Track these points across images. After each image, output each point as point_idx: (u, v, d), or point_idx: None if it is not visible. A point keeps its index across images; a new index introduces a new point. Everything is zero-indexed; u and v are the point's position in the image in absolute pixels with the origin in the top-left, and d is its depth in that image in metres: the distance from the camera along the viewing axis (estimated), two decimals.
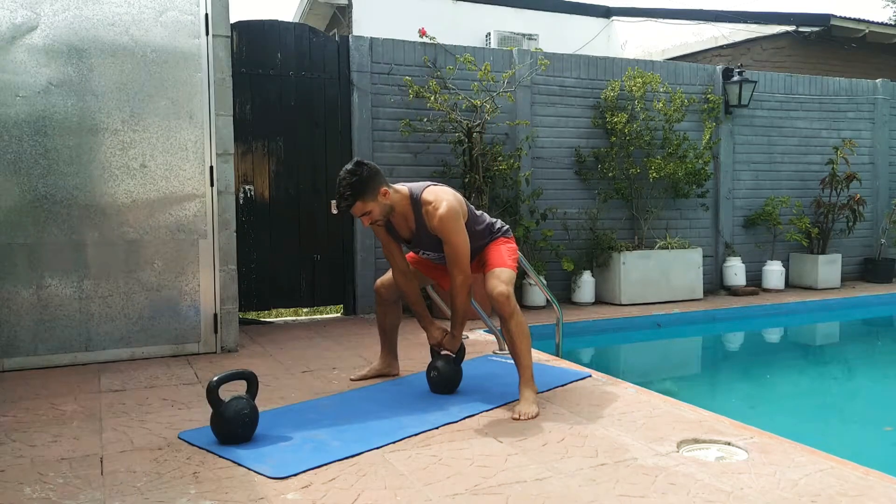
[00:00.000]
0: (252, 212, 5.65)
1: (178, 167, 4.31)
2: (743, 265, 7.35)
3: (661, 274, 6.67)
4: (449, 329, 3.46)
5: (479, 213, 3.45)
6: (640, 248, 6.76)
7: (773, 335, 6.63)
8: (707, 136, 7.12)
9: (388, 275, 3.61)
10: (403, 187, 3.26)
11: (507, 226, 3.54)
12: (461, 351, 3.50)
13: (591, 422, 3.00)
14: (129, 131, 4.20)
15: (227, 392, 2.84)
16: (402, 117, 5.97)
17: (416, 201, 3.22)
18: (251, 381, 2.90)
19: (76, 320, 4.13)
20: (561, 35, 11.70)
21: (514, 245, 3.47)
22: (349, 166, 3.10)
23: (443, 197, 3.18)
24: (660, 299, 6.66)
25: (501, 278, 3.22)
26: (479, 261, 3.41)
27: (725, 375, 5.43)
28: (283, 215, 5.76)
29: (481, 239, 3.39)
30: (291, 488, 2.34)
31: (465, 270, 3.22)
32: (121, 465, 2.54)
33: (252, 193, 5.66)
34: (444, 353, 3.51)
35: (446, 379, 3.46)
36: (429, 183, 3.31)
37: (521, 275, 6.22)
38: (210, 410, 2.77)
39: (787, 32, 10.34)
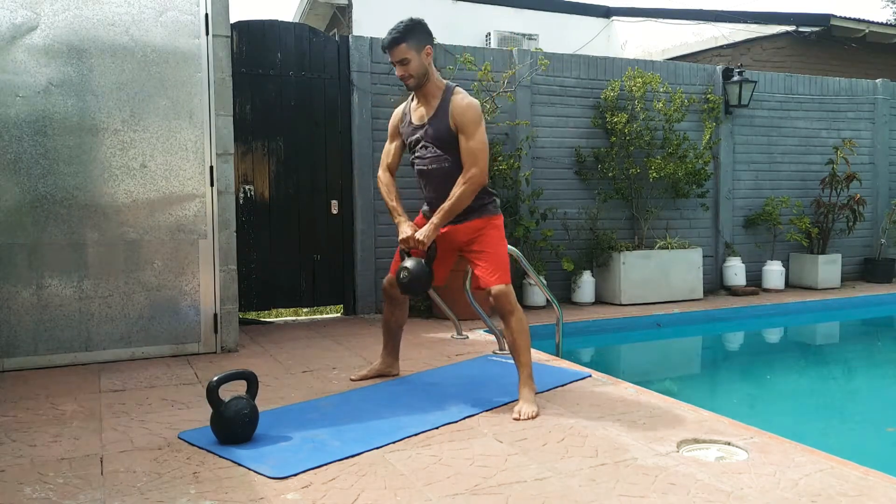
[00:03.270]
0: (252, 212, 5.65)
1: (178, 167, 4.31)
2: (743, 265, 7.35)
3: (661, 274, 6.67)
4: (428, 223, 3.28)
5: None
6: (640, 248, 6.76)
7: (773, 335, 6.63)
8: (707, 136, 7.12)
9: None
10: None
11: (496, 196, 3.43)
12: (432, 249, 3.29)
13: (591, 422, 3.00)
14: (129, 131, 4.20)
15: (227, 392, 2.84)
16: None
17: (448, 88, 3.28)
18: (251, 381, 2.90)
19: (76, 320, 4.13)
20: (561, 35, 11.70)
21: (502, 227, 3.38)
22: (412, 16, 3.25)
23: (474, 98, 3.26)
24: (660, 299, 6.66)
25: (499, 275, 3.21)
26: (470, 245, 3.32)
27: (725, 375, 5.43)
28: (283, 215, 5.76)
29: (477, 197, 3.29)
30: (291, 488, 2.34)
31: (483, 168, 3.18)
32: (121, 465, 2.54)
33: (252, 193, 5.66)
34: (413, 252, 3.32)
35: (416, 279, 3.24)
36: None
37: (521, 275, 6.23)
38: (210, 410, 2.77)
39: (787, 32, 10.34)
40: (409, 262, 3.27)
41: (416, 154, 3.38)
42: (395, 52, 3.17)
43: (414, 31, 3.17)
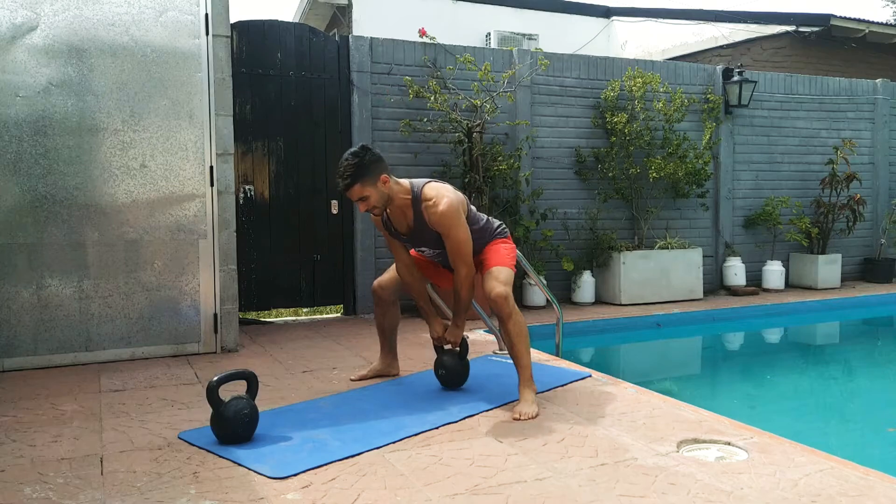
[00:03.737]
0: (252, 212, 5.65)
1: (178, 167, 4.31)
2: (743, 265, 7.35)
3: (661, 274, 6.67)
4: (451, 323, 3.47)
5: (476, 213, 3.45)
6: (640, 248, 6.76)
7: (773, 335, 6.63)
8: (707, 136, 7.12)
9: (386, 275, 3.61)
10: (405, 181, 3.28)
11: (504, 225, 3.54)
12: (465, 344, 3.51)
13: (591, 422, 3.00)
14: (129, 131, 4.20)
15: (227, 392, 2.84)
16: (402, 117, 5.97)
17: (416, 196, 3.22)
18: (251, 381, 2.90)
19: (76, 320, 4.13)
20: (561, 35, 11.70)
21: (512, 245, 3.47)
22: (354, 149, 3.14)
23: (443, 193, 3.19)
24: (660, 299, 6.66)
25: (499, 279, 3.22)
26: (477, 261, 3.40)
27: (725, 375, 5.43)
28: (283, 215, 5.76)
29: (479, 239, 3.39)
30: (291, 488, 2.34)
31: (468, 263, 3.24)
32: (121, 465, 2.54)
33: (252, 193, 5.66)
34: (447, 347, 3.52)
35: (455, 374, 3.49)
36: (429, 179, 3.33)
37: (521, 275, 6.23)
38: (210, 410, 2.77)
39: (787, 32, 10.34)
40: (446, 358, 3.50)
41: (417, 250, 3.49)
42: (351, 194, 3.11)
43: (363, 169, 3.07)
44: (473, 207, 3.45)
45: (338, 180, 3.12)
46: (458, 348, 3.51)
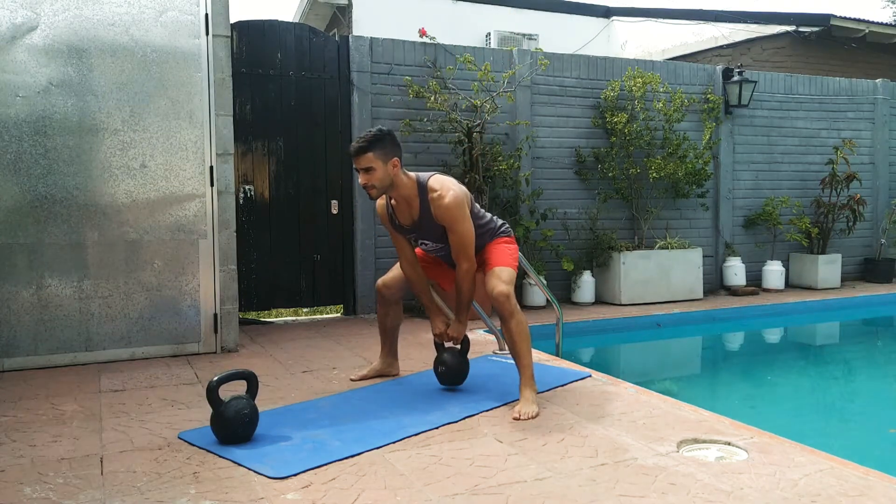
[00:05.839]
0: (252, 212, 5.65)
1: (178, 167, 4.31)
2: (743, 265, 7.35)
3: (661, 274, 6.67)
4: (453, 320, 3.49)
5: (480, 210, 3.47)
6: (640, 248, 6.76)
7: (773, 335, 6.63)
8: (707, 136, 7.12)
9: (390, 274, 3.62)
10: (412, 173, 3.31)
11: (508, 225, 3.55)
12: (466, 342, 3.52)
13: (591, 422, 3.00)
14: (129, 131, 4.20)
15: (227, 392, 2.84)
16: (402, 117, 5.97)
17: (422, 187, 3.26)
18: (251, 381, 2.90)
19: (76, 320, 4.13)
20: (561, 35, 11.69)
21: (515, 245, 3.48)
22: (380, 126, 3.25)
23: (449, 185, 3.24)
24: (660, 299, 6.66)
25: (502, 278, 3.23)
26: (480, 259, 3.41)
27: (725, 375, 5.43)
28: (283, 215, 5.76)
29: (482, 236, 3.39)
30: (291, 488, 2.34)
31: (470, 258, 3.27)
32: (121, 465, 2.54)
33: (252, 193, 5.66)
34: (448, 345, 3.53)
35: (454, 372, 3.48)
36: (434, 172, 3.37)
37: (522, 275, 6.22)
38: (210, 410, 2.77)
39: (787, 32, 10.34)
40: (446, 356, 3.49)
41: (418, 244, 3.50)
42: (360, 160, 3.14)
43: (381, 142, 3.15)
44: (477, 205, 3.47)
45: (353, 145, 3.17)
46: (458, 346, 3.52)
